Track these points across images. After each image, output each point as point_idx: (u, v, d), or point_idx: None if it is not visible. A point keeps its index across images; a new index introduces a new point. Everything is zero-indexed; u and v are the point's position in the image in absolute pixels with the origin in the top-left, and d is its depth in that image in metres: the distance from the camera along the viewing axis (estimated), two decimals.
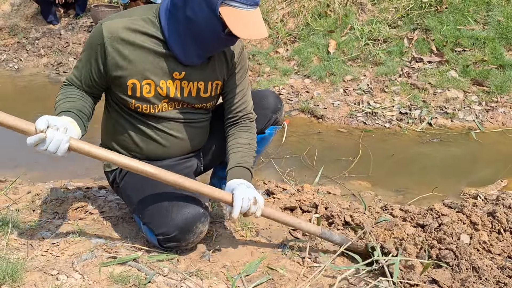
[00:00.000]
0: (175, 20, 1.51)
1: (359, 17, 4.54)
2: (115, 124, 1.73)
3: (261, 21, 1.47)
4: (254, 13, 1.45)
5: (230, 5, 1.41)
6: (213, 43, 1.55)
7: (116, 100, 1.68)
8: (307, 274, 1.58)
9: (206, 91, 1.70)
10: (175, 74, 1.61)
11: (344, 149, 3.10)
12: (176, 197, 1.61)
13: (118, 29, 1.52)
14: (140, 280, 1.44)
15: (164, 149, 1.74)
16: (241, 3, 1.41)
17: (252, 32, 1.45)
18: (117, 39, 1.52)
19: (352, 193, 2.46)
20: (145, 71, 1.57)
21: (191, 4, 1.45)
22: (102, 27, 1.52)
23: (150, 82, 1.59)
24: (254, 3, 1.44)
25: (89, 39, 1.56)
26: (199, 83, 1.67)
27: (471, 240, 1.73)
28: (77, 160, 2.92)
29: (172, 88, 1.63)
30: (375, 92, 3.84)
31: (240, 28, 1.42)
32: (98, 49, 1.53)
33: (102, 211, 1.99)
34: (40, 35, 5.60)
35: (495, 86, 3.64)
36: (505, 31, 3.97)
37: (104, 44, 1.52)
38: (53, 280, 1.42)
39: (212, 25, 1.46)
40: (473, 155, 2.99)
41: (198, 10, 1.44)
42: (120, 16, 1.56)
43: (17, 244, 1.65)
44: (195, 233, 1.58)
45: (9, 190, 2.20)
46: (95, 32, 1.54)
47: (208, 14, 1.43)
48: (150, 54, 1.56)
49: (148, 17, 1.56)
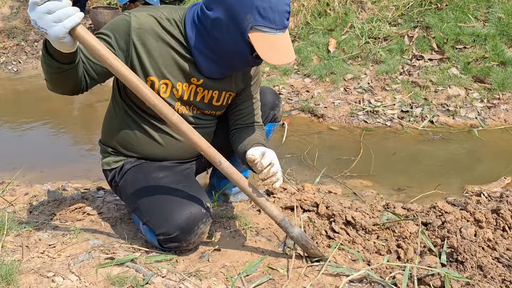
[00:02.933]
0: (201, 36, 1.48)
1: (359, 16, 4.51)
2: (120, 123, 1.69)
3: (289, 45, 1.44)
4: (283, 36, 1.42)
5: (260, 30, 1.38)
6: (238, 64, 1.54)
7: (127, 98, 1.64)
8: (308, 274, 1.55)
9: (218, 100, 1.69)
10: (193, 80, 1.59)
11: (345, 148, 3.07)
12: (177, 196, 1.58)
13: (147, 22, 1.48)
14: (138, 281, 1.42)
15: (166, 152, 1.71)
16: (271, 28, 1.38)
17: (281, 58, 1.42)
18: (145, 31, 1.48)
19: (354, 192, 2.43)
20: (164, 70, 1.54)
21: (219, 25, 1.41)
22: (131, 16, 1.47)
23: (168, 82, 1.56)
24: (283, 26, 1.40)
25: (113, 25, 1.47)
26: (214, 92, 1.65)
27: (475, 237, 1.70)
28: (76, 161, 2.91)
29: (186, 92, 1.60)
30: (376, 90, 3.81)
31: (270, 54, 1.39)
32: (122, 36, 1.47)
33: (100, 212, 1.96)
34: (39, 37, 5.59)
35: (497, 83, 3.62)
36: (506, 27, 3.94)
37: (130, 33, 1.46)
38: (49, 282, 1.40)
39: (240, 48, 1.43)
40: (475, 153, 2.96)
41: (226, 32, 1.41)
42: (147, 10, 1.51)
43: (13, 246, 1.62)
44: (197, 233, 1.55)
45: (6, 191, 2.17)
46: (122, 20, 1.47)
47: (236, 38, 1.40)
48: (173, 55, 1.53)
49: (174, 19, 1.52)
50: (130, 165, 1.72)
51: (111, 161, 1.76)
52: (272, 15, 1.36)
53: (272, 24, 1.37)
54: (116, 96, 1.70)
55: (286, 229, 1.57)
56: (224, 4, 1.37)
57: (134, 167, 1.71)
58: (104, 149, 1.80)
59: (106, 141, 1.79)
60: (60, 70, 1.33)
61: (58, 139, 3.37)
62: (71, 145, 3.25)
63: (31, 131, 3.49)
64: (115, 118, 1.72)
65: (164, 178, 1.65)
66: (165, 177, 1.66)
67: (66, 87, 1.44)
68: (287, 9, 1.39)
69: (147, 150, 1.71)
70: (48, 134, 3.46)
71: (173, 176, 1.67)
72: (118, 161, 1.75)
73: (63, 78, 1.38)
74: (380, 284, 1.49)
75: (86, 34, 1.21)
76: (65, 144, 3.28)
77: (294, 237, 1.57)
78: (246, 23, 1.36)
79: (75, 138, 3.35)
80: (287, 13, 1.39)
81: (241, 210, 2.00)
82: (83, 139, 3.33)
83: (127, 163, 1.73)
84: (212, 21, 1.42)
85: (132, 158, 1.73)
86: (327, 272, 1.55)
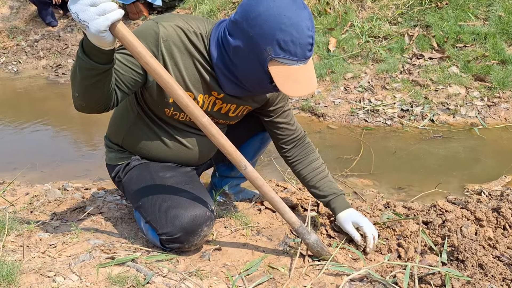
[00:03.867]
0: (223, 57, 1.45)
1: (359, 15, 4.51)
2: (132, 126, 1.68)
3: (311, 75, 1.40)
4: (305, 67, 1.37)
5: (280, 62, 1.34)
6: (258, 90, 1.53)
7: (145, 105, 1.62)
8: (309, 273, 1.55)
9: (234, 112, 1.68)
10: (213, 93, 1.58)
11: (345, 147, 3.07)
12: (183, 197, 1.57)
13: (175, 33, 1.45)
14: (139, 281, 1.41)
15: (172, 157, 1.71)
16: (291, 60, 1.33)
17: (301, 90, 1.38)
18: (173, 43, 1.45)
19: (354, 191, 2.43)
20: (188, 83, 1.52)
21: (241, 55, 1.38)
22: (159, 26, 1.43)
23: (190, 95, 1.54)
24: (305, 57, 1.35)
25: (142, 33, 1.43)
26: (232, 105, 1.65)
27: (476, 236, 1.70)
28: (76, 161, 2.92)
29: (206, 103, 1.60)
30: (376, 89, 3.81)
31: (289, 86, 1.36)
32: (150, 46, 1.44)
33: (100, 212, 1.96)
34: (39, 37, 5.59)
35: (497, 81, 3.61)
36: (506, 26, 3.94)
37: (159, 44, 1.44)
38: (50, 282, 1.40)
39: (259, 78, 1.41)
40: (476, 151, 2.96)
41: (246, 61, 1.39)
42: (174, 20, 1.47)
43: (14, 246, 1.62)
44: (200, 235, 1.55)
45: (6, 191, 2.17)
46: (150, 30, 1.43)
47: (256, 67, 1.38)
48: (197, 67, 1.51)
49: (201, 33, 1.49)
50: (136, 162, 1.72)
51: (117, 157, 1.76)
52: (293, 48, 1.31)
53: (292, 56, 1.33)
54: (131, 99, 1.67)
55: (303, 235, 1.58)
56: (246, 33, 1.34)
57: (141, 164, 1.71)
58: (109, 145, 1.79)
59: (113, 138, 1.78)
60: (97, 72, 1.28)
61: (58, 139, 3.38)
62: (71, 145, 3.26)
63: (32, 131, 3.49)
64: (127, 118, 1.70)
65: (171, 178, 1.65)
66: (171, 177, 1.65)
67: (98, 99, 1.37)
68: (310, 41, 1.33)
69: (155, 154, 1.70)
70: (49, 134, 3.46)
71: (179, 177, 1.67)
72: (124, 158, 1.75)
73: (97, 86, 1.32)
74: (381, 283, 1.49)
75: (125, 30, 1.20)
76: (66, 144, 3.28)
77: (310, 244, 1.58)
78: (266, 54, 1.33)
79: (75, 138, 3.35)
80: (310, 45, 1.34)
81: (242, 210, 2.00)
82: (84, 139, 3.33)
83: (134, 160, 1.72)
84: (233, 48, 1.39)
85: (138, 156, 1.73)
86: (328, 271, 1.55)
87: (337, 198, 1.78)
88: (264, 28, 1.30)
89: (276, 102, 1.72)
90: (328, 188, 1.79)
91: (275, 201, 1.54)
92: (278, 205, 1.55)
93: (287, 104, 1.77)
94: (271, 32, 1.29)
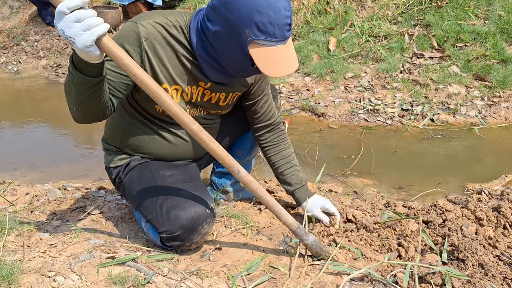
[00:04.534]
0: (204, 44, 1.48)
1: (359, 14, 4.51)
2: (128, 125, 1.69)
3: (291, 55, 1.42)
4: (285, 47, 1.39)
5: (259, 44, 1.36)
6: (241, 74, 1.55)
7: (136, 104, 1.64)
8: (309, 272, 1.55)
9: (225, 101, 1.70)
10: (201, 83, 1.59)
11: (346, 146, 3.07)
12: (183, 196, 1.58)
13: (154, 30, 1.47)
14: (139, 281, 1.42)
15: (172, 151, 1.72)
16: (270, 41, 1.36)
17: (281, 70, 1.40)
18: (155, 40, 1.47)
19: (354, 191, 2.43)
20: (175, 76, 1.54)
21: (220, 39, 1.41)
22: (138, 26, 1.45)
23: (178, 88, 1.57)
24: (284, 38, 1.37)
25: (122, 37, 1.46)
26: (221, 94, 1.66)
27: (476, 236, 1.70)
28: (76, 161, 2.92)
29: (195, 94, 1.62)
30: (376, 89, 3.81)
31: (270, 67, 1.38)
32: (133, 47, 1.46)
33: (101, 212, 1.96)
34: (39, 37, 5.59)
35: (497, 81, 3.61)
36: (506, 25, 3.94)
37: (141, 44, 1.46)
38: (50, 281, 1.40)
39: (240, 61, 1.43)
40: (476, 151, 2.96)
41: (227, 46, 1.41)
42: (153, 17, 1.50)
43: (14, 246, 1.62)
44: (200, 233, 1.56)
45: (6, 191, 2.17)
46: (130, 30, 1.46)
47: (236, 51, 1.40)
48: (181, 60, 1.53)
49: (180, 26, 1.51)
50: (136, 162, 1.72)
51: (116, 159, 1.76)
52: (271, 29, 1.33)
53: (271, 37, 1.35)
54: (124, 101, 1.68)
55: (301, 237, 1.58)
56: (224, 18, 1.36)
57: (141, 164, 1.72)
58: (107, 147, 1.80)
59: (110, 141, 1.78)
60: (90, 85, 1.30)
61: (58, 139, 3.38)
62: (71, 144, 3.26)
63: (32, 131, 3.49)
64: (121, 119, 1.71)
65: (171, 176, 1.66)
66: (171, 175, 1.66)
67: (96, 109, 1.40)
68: (287, 21, 1.35)
69: (155, 151, 1.71)
70: (49, 134, 3.46)
71: (180, 175, 1.68)
72: (123, 159, 1.75)
73: (93, 97, 1.34)
74: (381, 283, 1.49)
75: (111, 44, 1.22)
76: (66, 143, 3.28)
77: (309, 244, 1.58)
78: (245, 37, 1.35)
79: (75, 138, 3.35)
80: (287, 25, 1.36)
81: (242, 209, 2.00)
82: (84, 138, 3.33)
83: (133, 161, 1.73)
84: (212, 33, 1.41)
85: (137, 156, 1.74)
86: (328, 271, 1.55)
87: (302, 188, 1.85)
88: (242, 11, 1.32)
89: (258, 84, 1.75)
90: (295, 177, 1.85)
91: (270, 204, 1.54)
92: (274, 207, 1.54)
93: (267, 87, 1.80)
94: (249, 15, 1.32)
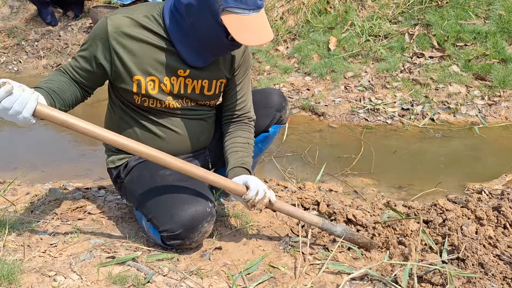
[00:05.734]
0: (179, 25, 1.50)
1: (359, 13, 4.50)
2: (119, 121, 1.71)
3: (265, 25, 1.43)
4: (258, 16, 1.41)
5: (232, 12, 1.38)
6: (217, 49, 1.54)
7: (121, 97, 1.67)
8: (309, 272, 1.55)
9: (210, 89, 1.69)
10: (179, 72, 1.60)
11: (346, 146, 3.07)
12: (183, 194, 1.58)
13: (123, 24, 1.50)
14: (139, 280, 1.42)
15: (168, 146, 1.72)
16: (243, 9, 1.37)
17: (256, 38, 1.41)
18: (122, 34, 1.51)
19: (354, 190, 2.43)
20: (149, 67, 1.56)
21: (193, 11, 1.42)
22: (107, 21, 1.50)
23: (154, 79, 1.58)
24: (257, 6, 1.39)
25: (93, 33, 1.53)
26: (204, 81, 1.66)
27: (476, 235, 1.70)
28: (77, 161, 2.92)
29: (176, 85, 1.62)
30: (376, 88, 3.81)
31: (243, 35, 1.40)
32: (102, 43, 1.51)
33: (101, 211, 1.96)
34: (39, 36, 5.59)
35: (498, 80, 3.61)
36: (507, 25, 3.93)
37: (108, 39, 1.50)
38: (50, 281, 1.40)
39: (215, 32, 1.44)
40: (476, 150, 2.96)
41: (200, 17, 1.42)
42: (124, 11, 1.54)
43: (14, 246, 1.62)
44: (200, 232, 1.56)
45: (7, 191, 2.17)
46: (100, 26, 1.52)
47: (210, 22, 1.41)
48: (155, 51, 1.55)
49: (152, 15, 1.54)
50: (135, 162, 1.73)
51: (115, 159, 1.78)
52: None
53: (243, 5, 1.37)
54: (111, 96, 1.72)
55: (330, 230, 1.65)
56: None
57: (140, 164, 1.72)
58: (107, 147, 1.82)
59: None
60: None
61: (59, 138, 3.38)
62: (72, 144, 3.25)
63: (32, 130, 3.49)
64: (113, 117, 1.74)
65: (170, 175, 1.66)
66: (171, 174, 1.66)
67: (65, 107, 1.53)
68: None
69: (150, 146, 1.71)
70: (49, 134, 3.46)
71: (179, 174, 1.68)
72: (121, 158, 1.77)
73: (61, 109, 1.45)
74: (381, 282, 1.49)
75: (47, 110, 1.29)
76: (66, 143, 3.28)
77: (339, 234, 1.64)
78: (217, 5, 1.37)
79: (75, 138, 3.34)
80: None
81: (242, 209, 2.00)
82: (84, 138, 3.32)
83: (132, 160, 1.74)
84: (185, 7, 1.43)
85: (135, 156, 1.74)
86: (328, 270, 1.55)
87: (236, 168, 1.68)
88: None
89: (238, 69, 1.73)
90: (235, 161, 1.70)
91: (291, 212, 1.63)
92: (295, 213, 1.63)
93: (247, 75, 1.78)
94: None
